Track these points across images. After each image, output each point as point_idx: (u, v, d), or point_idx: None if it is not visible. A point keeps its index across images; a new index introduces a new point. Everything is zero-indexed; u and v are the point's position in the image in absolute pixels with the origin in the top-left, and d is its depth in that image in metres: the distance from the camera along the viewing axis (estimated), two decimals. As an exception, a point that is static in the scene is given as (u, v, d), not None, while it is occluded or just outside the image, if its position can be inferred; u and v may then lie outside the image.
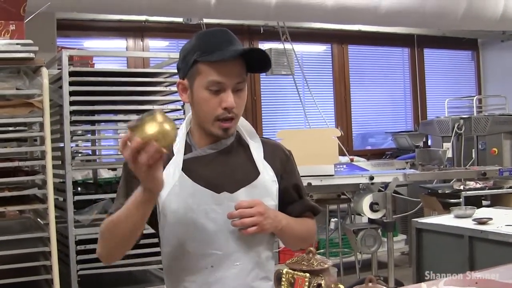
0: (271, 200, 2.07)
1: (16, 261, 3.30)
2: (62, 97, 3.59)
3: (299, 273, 1.79)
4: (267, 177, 2.08)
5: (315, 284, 1.67)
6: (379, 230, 5.31)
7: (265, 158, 2.10)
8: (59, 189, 3.79)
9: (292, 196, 2.17)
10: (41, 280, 3.40)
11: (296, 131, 6.44)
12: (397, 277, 5.23)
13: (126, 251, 1.97)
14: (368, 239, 5.21)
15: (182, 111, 3.96)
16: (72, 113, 3.62)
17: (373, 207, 5.11)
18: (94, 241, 3.64)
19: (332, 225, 6.70)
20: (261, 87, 7.82)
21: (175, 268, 2.05)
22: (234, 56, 1.93)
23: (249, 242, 2.01)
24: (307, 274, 1.77)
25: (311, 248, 1.89)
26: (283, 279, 1.82)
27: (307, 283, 1.76)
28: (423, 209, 6.17)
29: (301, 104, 7.17)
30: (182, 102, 3.93)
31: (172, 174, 1.98)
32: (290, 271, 1.81)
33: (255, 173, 2.06)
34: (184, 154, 2.02)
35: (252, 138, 2.13)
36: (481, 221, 3.68)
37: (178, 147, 2.02)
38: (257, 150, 2.11)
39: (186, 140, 2.06)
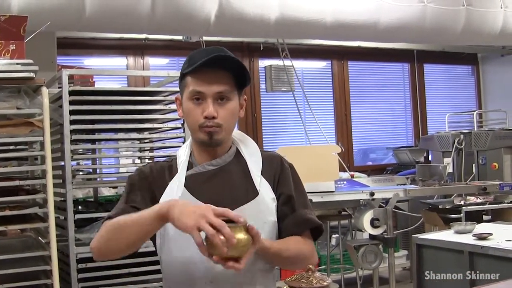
0: (271, 216, 2.08)
1: (18, 280, 3.30)
2: (62, 116, 3.59)
3: (299, 291, 1.79)
4: (266, 195, 2.08)
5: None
6: (380, 246, 5.31)
7: (263, 173, 2.11)
8: (60, 207, 3.80)
9: (284, 209, 2.11)
10: (43, 299, 3.41)
11: (296, 147, 6.45)
12: (399, 293, 5.22)
13: (122, 255, 2.00)
14: (369, 255, 5.21)
15: (182, 129, 3.98)
16: (73, 132, 3.63)
17: (374, 223, 5.12)
18: (95, 259, 3.66)
19: (333, 241, 6.70)
20: (262, 104, 7.84)
21: (176, 283, 2.07)
22: (205, 63, 1.97)
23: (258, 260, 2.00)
24: (307, 293, 1.77)
25: (311, 266, 1.89)
26: (283, 298, 1.83)
27: (307, 302, 1.77)
28: (424, 225, 6.15)
29: (301, 121, 7.18)
30: (182, 120, 3.95)
31: (176, 190, 2.03)
32: (290, 288, 1.82)
33: (254, 191, 2.06)
34: (186, 171, 2.07)
35: (251, 154, 2.15)
36: (481, 237, 3.68)
37: (182, 165, 2.09)
38: (255, 167, 2.12)
39: (189, 159, 2.11)
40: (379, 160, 8.88)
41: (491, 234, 3.72)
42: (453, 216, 5.39)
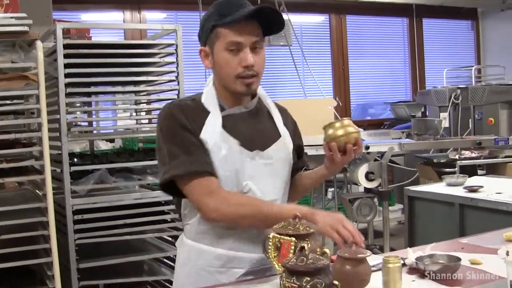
0: (291, 158, 2.30)
1: (16, 231, 3.35)
2: (57, 69, 3.61)
3: (285, 237, 1.84)
4: (286, 138, 2.29)
5: (299, 248, 1.71)
6: (375, 199, 5.36)
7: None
8: (56, 160, 3.83)
9: (295, 156, 2.36)
10: (40, 249, 3.45)
11: (291, 101, 6.45)
12: (393, 246, 5.28)
13: None
14: (364, 208, 5.26)
15: (177, 82, 3.99)
16: (68, 85, 3.64)
17: (368, 176, 5.16)
18: (91, 210, 3.74)
19: (329, 195, 6.74)
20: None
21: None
22: (248, 15, 2.05)
23: (278, 193, 2.21)
24: (293, 238, 1.82)
25: (298, 214, 1.94)
26: (270, 244, 1.87)
27: (293, 247, 1.80)
28: (419, 179, 6.20)
29: (297, 75, 7.17)
30: (176, 73, 3.97)
31: (213, 129, 2.12)
32: (277, 235, 1.86)
33: (277, 134, 2.26)
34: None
35: (269, 102, 2.34)
36: (472, 189, 3.73)
37: (213, 107, 2.16)
38: (276, 115, 2.31)
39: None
40: (378, 115, 8.89)
41: (482, 186, 3.76)
42: (447, 170, 5.42)
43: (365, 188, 5.39)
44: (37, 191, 3.78)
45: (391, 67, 9.00)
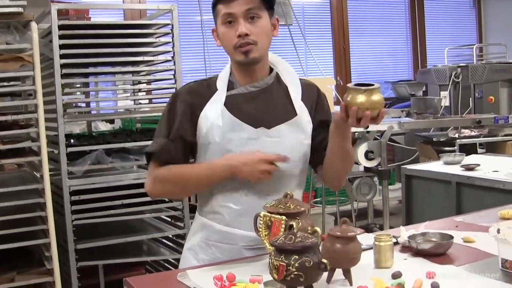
0: (306, 139, 2.23)
1: (14, 213, 3.37)
2: (52, 51, 3.60)
3: (275, 216, 1.84)
4: (303, 118, 2.23)
5: (288, 226, 1.71)
6: (374, 179, 5.37)
7: (302, 98, 2.25)
8: (54, 141, 3.84)
9: (322, 131, 2.26)
10: (37, 231, 3.48)
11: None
12: (393, 225, 5.28)
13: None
14: (364, 187, 5.28)
15: (173, 62, 3.99)
16: (64, 66, 3.64)
17: (368, 155, 5.17)
18: (88, 191, 3.74)
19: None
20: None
21: (209, 195, 2.22)
22: None
23: (281, 178, 2.16)
24: (284, 217, 1.82)
25: (288, 192, 1.95)
26: (261, 222, 1.87)
27: (283, 226, 1.80)
28: (419, 158, 6.19)
29: (297, 55, 7.13)
30: (172, 53, 3.97)
31: (215, 108, 2.16)
32: (268, 214, 1.86)
33: (293, 113, 2.21)
34: (227, 91, 2.20)
35: (291, 78, 2.28)
36: (468, 167, 3.73)
37: (221, 84, 2.21)
38: (295, 91, 2.25)
39: (229, 79, 2.23)
40: (380, 94, 8.84)
41: (478, 165, 3.76)
42: (447, 149, 5.41)
43: (364, 167, 5.40)
44: (34, 172, 3.79)
45: (392, 46, 8.93)
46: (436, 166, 4.00)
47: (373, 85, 1.93)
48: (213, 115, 2.15)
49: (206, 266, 2.06)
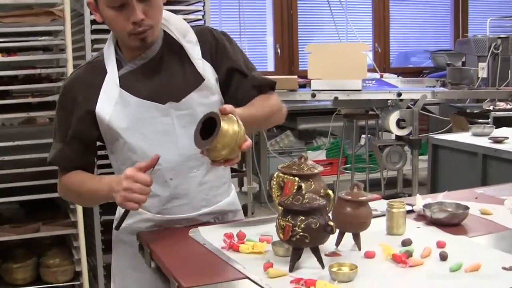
0: (217, 96, 2.01)
1: (42, 165, 3.42)
2: (83, 6, 3.62)
3: (289, 177, 1.83)
4: (211, 79, 1.99)
5: (297, 187, 1.71)
6: (405, 148, 5.33)
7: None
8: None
9: (236, 80, 2.04)
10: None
11: (325, 44, 6.33)
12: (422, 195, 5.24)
13: None
14: (394, 155, 5.24)
15: (203, 21, 3.97)
16: (94, 22, 3.65)
17: (399, 123, 5.13)
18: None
19: (362, 141, 6.73)
20: (298, 1, 7.74)
21: None
22: None
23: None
24: (297, 178, 1.80)
25: (303, 154, 1.93)
26: (274, 183, 1.87)
27: (296, 187, 1.81)
28: (452, 129, 6.12)
29: (333, 20, 7.07)
30: (203, 12, 3.94)
31: (111, 92, 1.92)
32: (281, 174, 1.86)
33: (198, 76, 1.96)
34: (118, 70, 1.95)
35: (183, 34, 1.99)
36: (496, 140, 3.67)
37: (111, 67, 1.95)
38: (193, 50, 1.98)
39: (116, 57, 1.97)
40: (419, 64, 8.74)
41: (507, 138, 3.70)
42: (480, 121, 5.33)
43: (396, 135, 5.36)
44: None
45: (434, 14, 8.79)
46: (464, 137, 3.95)
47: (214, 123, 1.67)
48: (111, 104, 1.91)
49: (219, 224, 2.08)
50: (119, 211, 2.09)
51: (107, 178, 1.93)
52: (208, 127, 1.69)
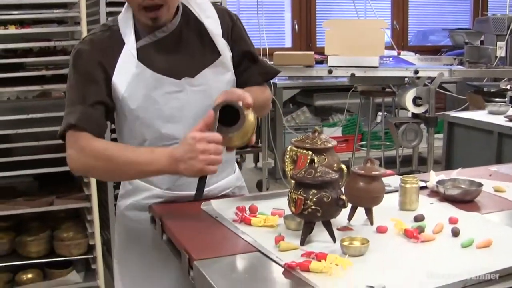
0: (230, 74, 2.02)
1: (57, 138, 3.41)
2: (98, -22, 3.61)
3: (302, 151, 1.82)
4: (227, 55, 2.00)
5: (309, 160, 1.70)
6: (421, 125, 5.29)
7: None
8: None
9: (246, 64, 2.07)
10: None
11: (342, 20, 6.29)
12: (437, 173, 5.22)
13: None
14: (410, 133, 5.20)
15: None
16: (108, -6, 3.65)
17: (416, 101, 5.08)
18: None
19: (378, 119, 6.70)
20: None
21: None
22: None
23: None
24: (310, 152, 1.79)
25: (317, 128, 1.92)
26: (287, 156, 1.86)
27: (309, 161, 1.80)
28: (469, 107, 6.07)
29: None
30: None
31: (128, 65, 1.88)
32: (294, 148, 1.85)
33: (214, 53, 1.97)
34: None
35: (203, 10, 1.99)
36: (512, 118, 3.65)
37: (129, 36, 1.90)
38: (214, 26, 1.99)
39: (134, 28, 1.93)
40: (437, 42, 8.67)
41: (523, 116, 3.68)
42: (497, 99, 5.28)
43: (412, 113, 5.32)
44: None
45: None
46: (479, 115, 3.92)
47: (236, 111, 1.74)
48: (128, 77, 1.86)
49: (232, 197, 2.08)
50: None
51: (160, 149, 1.81)
52: (226, 112, 1.74)
